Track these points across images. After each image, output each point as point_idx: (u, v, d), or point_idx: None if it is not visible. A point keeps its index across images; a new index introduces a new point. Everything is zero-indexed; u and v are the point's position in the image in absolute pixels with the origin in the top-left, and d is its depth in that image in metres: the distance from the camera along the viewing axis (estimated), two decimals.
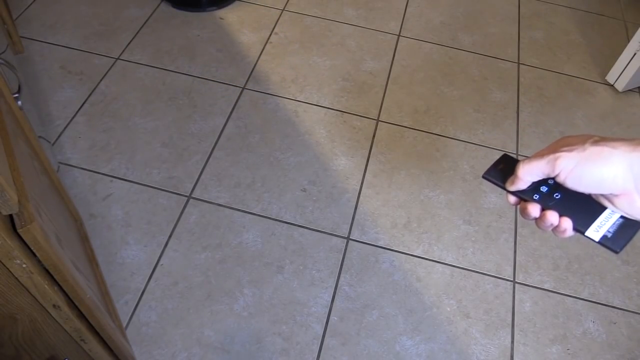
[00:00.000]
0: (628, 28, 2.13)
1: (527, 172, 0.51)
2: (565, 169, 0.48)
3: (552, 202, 0.50)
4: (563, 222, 0.50)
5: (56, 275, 0.65)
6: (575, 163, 0.47)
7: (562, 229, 0.50)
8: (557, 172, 0.48)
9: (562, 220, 0.50)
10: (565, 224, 0.49)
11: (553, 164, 0.48)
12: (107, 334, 0.85)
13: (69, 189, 1.40)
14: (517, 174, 0.51)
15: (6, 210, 0.54)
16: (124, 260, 1.29)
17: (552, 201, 0.50)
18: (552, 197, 0.50)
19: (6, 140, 0.67)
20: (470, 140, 1.65)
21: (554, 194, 0.50)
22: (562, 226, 0.50)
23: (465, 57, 1.91)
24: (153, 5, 1.92)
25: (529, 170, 0.50)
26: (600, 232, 0.48)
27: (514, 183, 0.52)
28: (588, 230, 0.48)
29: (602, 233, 0.48)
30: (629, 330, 1.30)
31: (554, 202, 0.50)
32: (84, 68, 1.69)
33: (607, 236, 0.48)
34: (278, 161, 1.53)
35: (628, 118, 1.78)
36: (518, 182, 0.52)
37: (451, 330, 1.26)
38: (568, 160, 0.47)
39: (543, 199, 0.51)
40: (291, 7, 1.99)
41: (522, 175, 0.51)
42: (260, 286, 1.28)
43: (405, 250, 1.39)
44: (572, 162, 0.47)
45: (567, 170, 0.48)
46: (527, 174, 0.51)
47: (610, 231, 0.48)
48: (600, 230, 0.48)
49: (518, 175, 0.51)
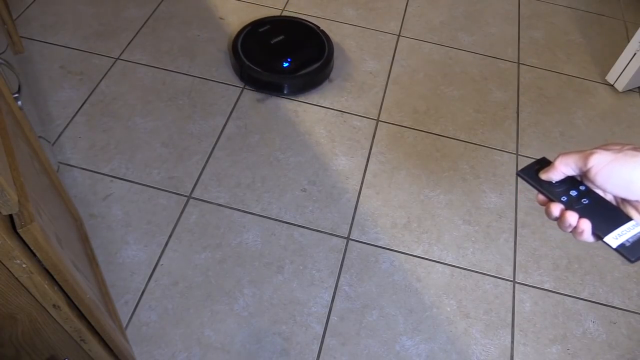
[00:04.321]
0: (628, 28, 2.13)
1: (563, 162, 0.52)
2: (597, 165, 0.49)
3: (578, 206, 0.51)
4: (581, 224, 0.50)
5: (56, 275, 0.65)
6: (608, 161, 0.48)
7: (580, 230, 0.50)
8: (589, 167, 0.50)
9: (581, 221, 0.50)
10: (583, 226, 0.50)
11: (587, 158, 0.50)
12: (107, 334, 0.85)
13: (69, 189, 1.40)
14: (554, 164, 0.53)
15: (6, 210, 0.54)
16: (124, 260, 1.29)
17: (578, 205, 0.51)
18: (579, 201, 0.51)
19: (6, 140, 0.67)
20: (470, 140, 1.65)
21: (582, 199, 0.51)
22: (579, 227, 0.50)
23: (465, 57, 1.91)
24: (153, 5, 1.92)
25: (565, 160, 0.52)
26: (619, 240, 0.48)
27: (548, 172, 0.54)
28: (607, 236, 0.49)
29: (621, 241, 0.48)
30: (629, 330, 1.30)
31: (580, 207, 0.51)
32: (84, 68, 1.69)
33: (625, 244, 0.48)
34: (278, 161, 1.53)
35: (628, 118, 1.78)
36: (553, 171, 0.53)
37: (451, 330, 1.26)
38: (602, 157, 0.49)
39: (570, 202, 0.52)
40: (291, 7, 1.99)
41: (557, 164, 0.52)
42: (260, 286, 1.28)
43: (405, 250, 1.39)
44: (605, 159, 0.49)
45: (599, 167, 0.49)
46: (562, 164, 0.52)
47: (630, 241, 0.48)
48: (619, 238, 0.48)
49: (554, 165, 0.53)
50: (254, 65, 1.67)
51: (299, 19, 1.86)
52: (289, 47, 1.74)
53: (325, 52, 1.75)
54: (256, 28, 1.79)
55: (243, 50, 1.71)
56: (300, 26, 1.83)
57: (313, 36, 1.80)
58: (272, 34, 1.77)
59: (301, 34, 1.80)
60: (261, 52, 1.72)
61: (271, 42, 1.74)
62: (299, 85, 1.70)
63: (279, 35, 1.76)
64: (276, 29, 1.79)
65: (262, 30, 1.78)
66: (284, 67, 1.69)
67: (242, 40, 1.74)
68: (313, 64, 1.70)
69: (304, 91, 1.71)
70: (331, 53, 1.76)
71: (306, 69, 1.69)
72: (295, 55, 1.72)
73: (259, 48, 1.73)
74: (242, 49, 1.72)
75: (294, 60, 1.70)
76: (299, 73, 1.68)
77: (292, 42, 1.76)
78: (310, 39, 1.79)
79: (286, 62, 1.69)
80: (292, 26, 1.83)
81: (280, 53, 1.72)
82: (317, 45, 1.76)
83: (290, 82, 1.68)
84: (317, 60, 1.71)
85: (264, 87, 1.69)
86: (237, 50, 1.71)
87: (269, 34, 1.77)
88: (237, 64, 1.69)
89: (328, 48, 1.77)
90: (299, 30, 1.81)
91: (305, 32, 1.81)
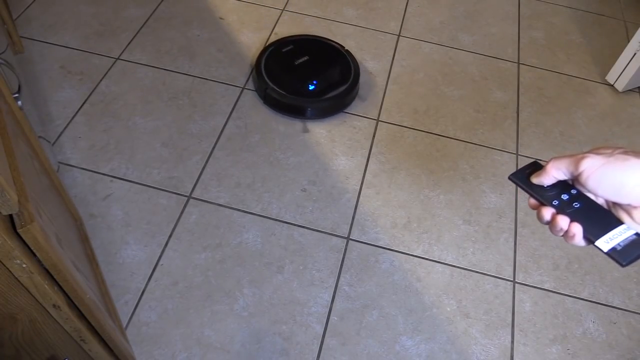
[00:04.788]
0: (628, 28, 2.13)
1: (554, 167, 0.52)
2: (588, 169, 0.49)
3: (569, 210, 0.51)
4: (572, 228, 0.50)
5: (56, 275, 0.65)
6: (599, 165, 0.48)
7: (571, 234, 0.50)
8: (580, 171, 0.50)
9: (572, 225, 0.50)
10: (575, 230, 0.50)
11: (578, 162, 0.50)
12: (107, 334, 0.85)
13: (69, 189, 1.40)
14: (545, 168, 0.53)
15: (6, 210, 0.54)
16: (124, 260, 1.29)
17: (570, 209, 0.51)
18: (570, 205, 0.51)
19: (6, 140, 0.67)
20: (470, 140, 1.65)
21: (573, 203, 0.51)
22: (571, 231, 0.50)
23: (465, 57, 1.91)
24: (153, 5, 1.92)
25: (556, 164, 0.52)
26: (610, 244, 0.48)
27: (539, 176, 0.54)
28: (599, 240, 0.49)
29: (612, 245, 0.48)
30: (629, 330, 1.30)
31: (572, 210, 0.51)
32: (84, 68, 1.69)
33: (616, 248, 0.48)
34: (278, 161, 1.53)
35: (628, 118, 1.78)
36: (544, 175, 0.53)
37: (451, 330, 1.26)
38: (593, 161, 0.49)
39: (561, 206, 0.52)
40: (291, 7, 2.00)
41: (549, 168, 0.53)
42: (260, 286, 1.28)
43: (405, 250, 1.39)
44: (596, 163, 0.49)
45: (590, 171, 0.49)
46: (554, 168, 0.52)
47: (621, 245, 0.48)
48: (610, 242, 0.49)
49: (546, 169, 0.53)
50: (278, 87, 1.60)
51: (322, 38, 1.79)
52: (314, 68, 1.67)
53: (351, 74, 1.68)
54: (279, 48, 1.72)
55: (266, 71, 1.64)
56: (324, 46, 1.76)
57: (338, 57, 1.73)
58: (296, 54, 1.70)
59: (326, 55, 1.73)
60: (285, 73, 1.65)
61: (295, 63, 1.67)
62: (325, 110, 1.63)
63: (303, 55, 1.69)
64: (300, 49, 1.72)
65: (286, 50, 1.71)
66: (310, 90, 1.62)
67: (265, 61, 1.68)
68: (339, 87, 1.63)
69: (329, 115, 1.64)
70: (357, 74, 1.69)
71: (332, 92, 1.62)
72: (321, 77, 1.65)
73: (282, 69, 1.66)
74: (266, 70, 1.65)
75: (319, 83, 1.63)
76: (326, 96, 1.61)
77: (317, 63, 1.69)
78: (336, 60, 1.72)
79: (312, 85, 1.62)
80: (316, 46, 1.76)
81: (305, 75, 1.65)
82: (342, 67, 1.70)
83: (316, 105, 1.61)
84: (343, 82, 1.65)
85: (287, 110, 1.62)
86: (260, 71, 1.65)
87: (293, 54, 1.70)
88: (260, 85, 1.63)
89: (354, 69, 1.70)
90: (323, 51, 1.74)
91: (330, 52, 1.74)
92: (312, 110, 1.61)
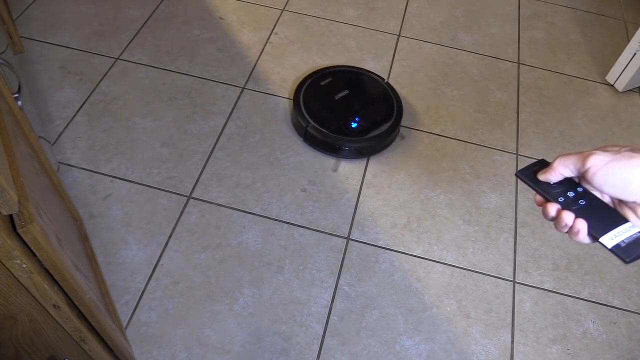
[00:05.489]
0: (628, 28, 2.13)
1: (561, 163, 0.53)
2: (594, 166, 0.49)
3: (575, 207, 0.52)
4: (577, 224, 0.51)
5: (56, 275, 0.65)
6: (606, 162, 0.49)
7: (576, 230, 0.51)
8: (587, 167, 0.50)
9: (577, 221, 0.51)
10: (579, 225, 0.50)
11: (585, 159, 0.50)
12: (107, 334, 0.85)
13: (69, 189, 1.40)
14: (552, 165, 0.54)
15: (6, 210, 0.54)
16: (124, 260, 1.29)
17: (575, 206, 0.52)
18: (576, 202, 0.52)
19: (6, 140, 0.67)
20: (470, 140, 1.65)
21: (579, 200, 0.52)
22: (575, 227, 0.51)
23: (465, 57, 1.91)
24: (153, 5, 1.92)
25: (563, 161, 0.53)
26: (614, 241, 0.49)
27: (545, 173, 0.54)
28: (603, 236, 0.49)
29: (616, 242, 0.49)
30: (629, 330, 1.30)
31: (577, 207, 0.51)
32: (84, 68, 1.69)
33: (620, 245, 0.48)
34: (278, 161, 1.53)
35: (628, 118, 1.78)
36: (550, 172, 0.54)
37: (451, 330, 1.26)
38: (600, 158, 0.49)
39: (567, 203, 0.52)
40: (291, 7, 2.00)
41: (556, 165, 0.53)
42: (260, 286, 1.28)
43: (405, 250, 1.39)
44: (603, 160, 0.49)
45: (596, 167, 0.49)
46: (560, 165, 0.53)
47: (625, 242, 0.49)
48: (615, 239, 0.49)
49: (552, 166, 0.54)
50: (319, 125, 1.52)
51: (361, 69, 1.71)
52: (356, 103, 1.59)
53: (394, 109, 1.59)
54: (317, 81, 1.64)
55: (306, 107, 1.55)
56: (363, 78, 1.68)
57: (379, 90, 1.65)
58: (335, 88, 1.62)
59: (366, 88, 1.65)
60: (326, 109, 1.57)
61: (335, 98, 1.59)
62: (370, 149, 1.55)
63: (342, 89, 1.61)
64: (339, 82, 1.64)
65: (324, 83, 1.63)
66: (353, 128, 1.53)
67: (304, 95, 1.59)
68: (383, 124, 1.54)
69: (372, 154, 1.56)
70: (401, 110, 1.60)
71: (376, 130, 1.53)
72: (363, 113, 1.56)
73: (323, 105, 1.58)
74: (305, 105, 1.56)
75: (362, 120, 1.54)
76: (370, 135, 1.52)
77: (357, 97, 1.61)
78: (376, 93, 1.64)
79: (354, 122, 1.53)
80: (355, 78, 1.68)
81: (346, 111, 1.56)
82: (384, 101, 1.61)
83: (359, 145, 1.52)
84: (386, 118, 1.56)
85: (329, 149, 1.53)
86: (300, 106, 1.56)
87: (332, 88, 1.62)
88: (300, 122, 1.53)
89: (397, 104, 1.61)
90: (363, 83, 1.66)
91: (370, 85, 1.66)
92: (354, 150, 1.52)
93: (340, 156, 1.54)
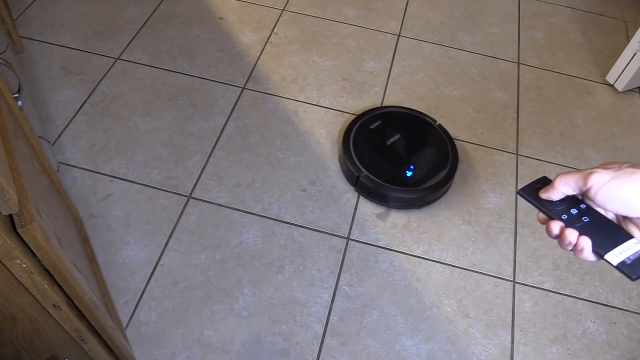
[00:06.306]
0: (628, 28, 2.13)
1: (562, 182, 0.52)
2: (597, 184, 0.49)
3: (578, 224, 0.51)
4: (581, 241, 0.50)
5: (56, 275, 0.65)
6: (608, 179, 0.49)
7: (580, 247, 0.50)
8: (589, 186, 0.50)
9: (581, 239, 0.50)
10: (583, 243, 0.50)
11: (587, 177, 0.50)
12: (107, 334, 0.85)
13: (69, 189, 1.40)
14: (553, 184, 0.53)
15: (6, 210, 0.54)
16: (124, 260, 1.29)
17: (579, 223, 0.51)
18: (580, 219, 0.51)
19: (6, 140, 0.67)
20: (471, 140, 1.65)
21: (583, 217, 0.51)
22: (580, 245, 0.50)
23: (465, 57, 1.91)
24: (153, 5, 1.92)
25: (564, 180, 0.52)
26: (619, 258, 0.48)
27: (547, 192, 0.54)
28: (608, 254, 0.49)
29: (622, 259, 0.48)
30: (629, 330, 1.30)
31: (581, 224, 0.51)
32: (84, 68, 1.69)
33: (625, 262, 0.48)
34: (278, 161, 1.53)
35: (628, 118, 1.78)
36: (552, 191, 0.53)
37: (451, 330, 1.26)
38: (602, 176, 0.49)
39: (570, 220, 0.52)
40: (291, 7, 2.00)
41: (557, 184, 0.52)
42: (260, 286, 1.28)
43: (405, 250, 1.39)
44: (605, 178, 0.49)
45: (599, 186, 0.49)
46: (562, 184, 0.52)
47: (631, 258, 0.48)
48: (620, 256, 0.48)
49: (553, 185, 0.53)
50: (372, 174, 1.42)
51: (411, 110, 1.62)
52: (409, 149, 1.49)
53: (449, 155, 1.50)
54: (367, 124, 1.54)
55: (357, 154, 1.45)
56: (414, 120, 1.59)
57: (431, 134, 1.56)
58: (386, 132, 1.52)
59: (418, 132, 1.55)
60: (378, 156, 1.47)
61: (387, 144, 1.49)
62: (426, 200, 1.45)
63: (394, 133, 1.52)
64: (389, 125, 1.54)
65: (374, 127, 1.53)
66: (408, 177, 1.43)
67: (354, 141, 1.49)
68: (438, 172, 1.45)
69: (427, 205, 1.47)
70: (456, 156, 1.51)
71: (432, 179, 1.43)
72: (418, 160, 1.46)
73: (374, 151, 1.48)
74: (356, 152, 1.46)
75: (417, 168, 1.44)
76: (426, 185, 1.42)
77: (410, 142, 1.51)
78: (429, 138, 1.54)
79: (409, 171, 1.44)
80: (406, 120, 1.58)
81: (400, 158, 1.47)
82: (438, 146, 1.52)
83: (418, 195, 1.42)
84: (441, 166, 1.47)
85: (382, 200, 1.44)
86: (350, 153, 1.46)
87: (383, 132, 1.52)
88: (352, 170, 1.44)
89: (451, 149, 1.52)
90: (414, 126, 1.56)
91: (422, 128, 1.57)
92: (411, 201, 1.44)
93: (392, 206, 1.45)
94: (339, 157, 1.52)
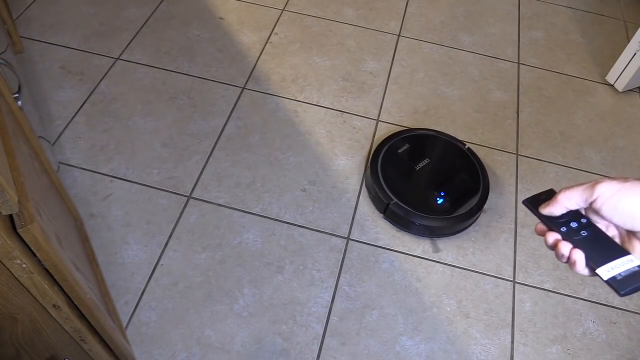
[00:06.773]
0: (628, 28, 2.13)
1: (566, 197, 0.51)
2: (603, 195, 0.48)
3: (576, 237, 0.51)
4: (573, 254, 0.50)
5: (56, 275, 0.65)
6: (615, 191, 0.48)
7: (572, 260, 0.50)
8: (596, 197, 0.49)
9: (573, 252, 0.50)
10: (575, 257, 0.49)
11: (593, 188, 0.49)
12: (107, 334, 0.85)
13: (69, 189, 1.40)
14: (556, 197, 0.52)
15: (6, 210, 0.54)
16: (124, 260, 1.29)
17: (576, 236, 0.51)
18: (578, 233, 0.51)
19: (6, 140, 0.67)
20: (471, 140, 1.65)
21: (581, 231, 0.51)
22: (572, 258, 0.50)
23: (465, 57, 1.91)
24: (153, 5, 1.92)
25: (568, 194, 0.51)
26: (611, 273, 0.48)
27: (548, 206, 0.53)
28: (600, 268, 0.49)
29: (613, 274, 0.48)
30: (629, 330, 1.30)
31: (578, 238, 0.51)
32: (84, 68, 1.69)
33: (616, 278, 0.48)
34: (278, 161, 1.53)
35: (628, 118, 1.78)
36: (554, 205, 0.52)
37: (451, 330, 1.26)
38: (608, 186, 0.48)
39: (568, 233, 0.51)
40: (291, 7, 2.00)
41: (560, 198, 0.51)
42: (260, 286, 1.28)
43: (405, 250, 1.39)
44: (612, 188, 0.48)
45: (605, 197, 0.48)
46: (566, 198, 0.51)
47: (622, 275, 0.48)
48: (611, 271, 0.48)
49: (557, 198, 0.52)
50: (402, 201, 1.37)
51: (439, 133, 1.56)
52: (438, 175, 1.44)
53: (480, 181, 1.44)
54: (394, 148, 1.48)
55: (385, 181, 1.39)
56: (443, 144, 1.53)
57: (460, 158, 1.51)
58: (414, 157, 1.47)
59: (447, 156, 1.51)
60: (407, 183, 1.43)
61: (416, 169, 1.44)
62: (457, 228, 1.41)
63: (422, 158, 1.46)
64: (417, 149, 1.49)
65: (402, 151, 1.47)
66: (438, 204, 1.38)
67: (382, 166, 1.43)
68: (469, 199, 1.40)
69: (459, 232, 1.42)
70: (487, 181, 1.45)
71: (464, 207, 1.38)
72: (448, 187, 1.41)
73: (403, 178, 1.43)
74: (384, 178, 1.40)
75: (448, 194, 1.40)
76: (458, 213, 1.37)
77: (439, 167, 1.46)
78: (459, 162, 1.50)
79: (440, 198, 1.39)
80: (434, 144, 1.53)
81: (430, 185, 1.42)
82: (468, 171, 1.47)
83: (447, 224, 1.37)
84: (472, 192, 1.42)
85: (409, 228, 1.40)
86: (379, 180, 1.40)
87: (411, 157, 1.47)
88: (380, 197, 1.39)
89: (482, 174, 1.46)
90: (443, 150, 1.52)
91: (451, 152, 1.52)
92: (442, 229, 1.38)
93: (419, 234, 1.40)
94: (367, 182, 1.47)
